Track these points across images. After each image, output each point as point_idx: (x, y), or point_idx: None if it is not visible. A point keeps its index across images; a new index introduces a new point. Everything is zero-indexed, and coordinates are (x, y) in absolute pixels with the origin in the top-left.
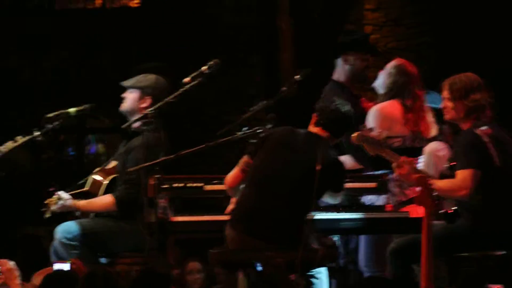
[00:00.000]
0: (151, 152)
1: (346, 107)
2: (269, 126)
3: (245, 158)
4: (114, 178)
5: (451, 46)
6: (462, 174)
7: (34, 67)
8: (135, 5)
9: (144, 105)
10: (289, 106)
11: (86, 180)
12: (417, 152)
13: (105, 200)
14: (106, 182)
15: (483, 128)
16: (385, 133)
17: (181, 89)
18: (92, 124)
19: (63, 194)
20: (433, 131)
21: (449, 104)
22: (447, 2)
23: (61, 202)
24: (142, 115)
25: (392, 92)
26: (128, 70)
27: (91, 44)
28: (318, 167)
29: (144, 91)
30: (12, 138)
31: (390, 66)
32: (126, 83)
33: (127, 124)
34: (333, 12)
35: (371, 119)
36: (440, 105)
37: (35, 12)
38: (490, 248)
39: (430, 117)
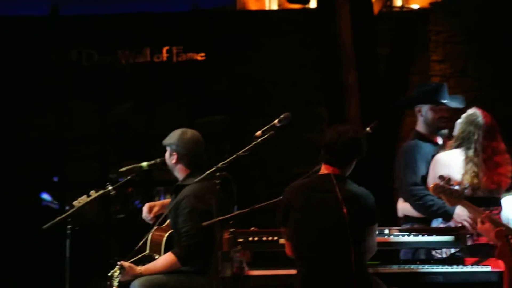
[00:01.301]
0: (199, 201)
1: (347, 134)
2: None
3: (282, 229)
4: (171, 234)
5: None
6: None
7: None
8: (201, 59)
9: (173, 161)
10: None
11: (145, 242)
12: (481, 202)
13: (166, 259)
14: (164, 239)
15: None
16: (464, 184)
17: (253, 142)
18: (159, 177)
19: (124, 263)
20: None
21: None
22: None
23: (123, 273)
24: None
25: (458, 141)
26: (191, 122)
27: (157, 96)
28: (344, 210)
29: (171, 147)
30: (85, 192)
31: (463, 115)
32: (164, 141)
33: (197, 179)
34: (398, 64)
35: (431, 166)
36: None
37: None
38: None
39: (505, 170)
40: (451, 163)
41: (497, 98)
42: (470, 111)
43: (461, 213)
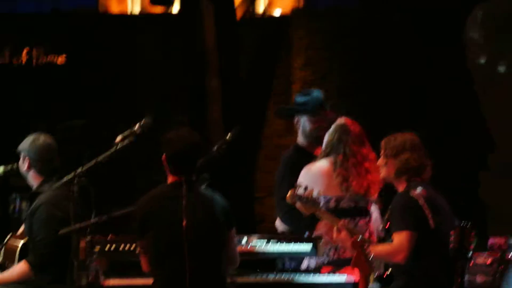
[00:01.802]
0: (56, 208)
1: (183, 140)
2: (203, 186)
3: (138, 242)
4: (25, 242)
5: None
6: (399, 237)
7: None
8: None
9: (25, 167)
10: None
11: (1, 247)
12: (357, 212)
13: (19, 269)
14: (18, 248)
15: (418, 190)
16: (316, 190)
17: (113, 149)
18: (16, 183)
19: None
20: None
21: (382, 161)
22: (373, 57)
23: None
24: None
25: (327, 150)
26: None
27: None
28: (183, 222)
29: (22, 153)
30: None
31: (332, 125)
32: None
33: (56, 184)
34: (261, 70)
35: (301, 179)
36: (378, 162)
37: None
38: None
39: (374, 177)
40: (317, 173)
41: (357, 105)
42: (339, 121)
43: (320, 230)
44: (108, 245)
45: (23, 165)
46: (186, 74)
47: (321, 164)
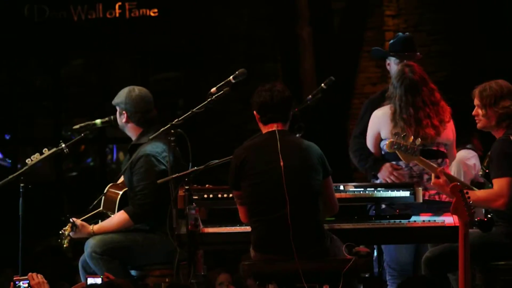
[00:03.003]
0: (155, 160)
1: (272, 90)
2: (298, 135)
3: (234, 193)
4: (125, 192)
5: (469, 53)
6: (499, 183)
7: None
8: (154, 15)
9: (124, 120)
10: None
11: (100, 200)
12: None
13: (119, 218)
14: (118, 197)
15: None
16: (419, 140)
17: (208, 99)
18: (113, 134)
19: (76, 221)
20: (446, 133)
21: (480, 111)
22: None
23: (75, 230)
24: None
25: (389, 96)
26: (145, 79)
27: (111, 52)
28: (281, 163)
29: (120, 106)
30: (38, 150)
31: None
32: (113, 101)
33: (152, 136)
34: (352, 19)
35: (370, 123)
36: (473, 113)
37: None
38: None
39: (432, 121)
40: (381, 120)
41: (450, 53)
42: (400, 65)
43: (383, 172)
44: (206, 194)
45: (121, 118)
46: (278, 24)
47: (384, 111)
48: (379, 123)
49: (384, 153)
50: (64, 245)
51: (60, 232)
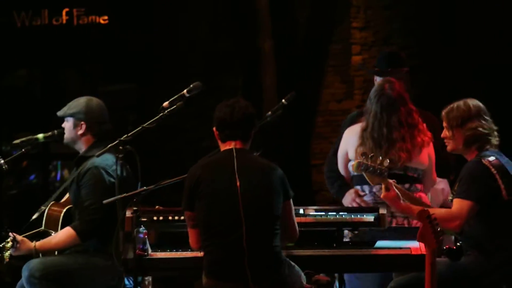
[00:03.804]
0: (106, 173)
1: (233, 106)
2: (256, 153)
3: (186, 214)
4: (69, 209)
5: (441, 67)
6: (459, 204)
7: None
8: (104, 22)
9: (80, 132)
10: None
11: (37, 218)
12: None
13: (64, 235)
14: (62, 215)
15: (491, 158)
16: (387, 161)
17: (160, 114)
18: (57, 150)
19: (18, 237)
20: (420, 158)
21: (448, 133)
22: (434, 21)
23: (16, 245)
24: (89, 143)
25: (365, 111)
26: (94, 91)
27: (56, 62)
28: (237, 183)
29: (76, 117)
30: None
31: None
32: (60, 112)
33: (100, 152)
34: (317, 31)
35: (342, 139)
36: (441, 135)
37: None
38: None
39: (414, 143)
40: (350, 139)
41: (422, 67)
42: (379, 82)
43: (346, 198)
44: (156, 216)
45: (75, 130)
46: (239, 36)
47: (355, 129)
48: (348, 143)
49: (352, 175)
50: (5, 260)
51: (0, 245)
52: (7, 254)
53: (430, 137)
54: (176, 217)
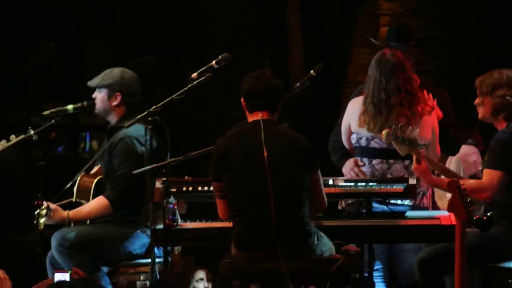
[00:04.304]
0: (138, 143)
1: (260, 77)
2: (285, 125)
3: (214, 184)
4: (100, 180)
5: (466, 39)
6: (490, 175)
7: (22, 60)
8: None
9: (115, 103)
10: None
11: (67, 189)
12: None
13: (97, 204)
14: (93, 185)
15: None
16: (416, 131)
17: (189, 85)
18: (85, 121)
19: (51, 205)
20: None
21: (478, 100)
22: None
23: (49, 214)
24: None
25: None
26: (121, 64)
27: (84, 34)
28: (264, 154)
29: (112, 88)
30: (5, 136)
31: None
32: (91, 82)
33: (129, 123)
34: (345, 3)
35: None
36: (474, 102)
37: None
38: None
39: (413, 111)
40: (353, 110)
41: (448, 38)
42: (378, 52)
43: (345, 167)
44: (185, 187)
45: (111, 101)
46: (265, 8)
47: (358, 100)
48: (351, 114)
49: (354, 146)
50: (40, 228)
51: (35, 212)
52: (42, 221)
53: (431, 107)
54: (206, 188)
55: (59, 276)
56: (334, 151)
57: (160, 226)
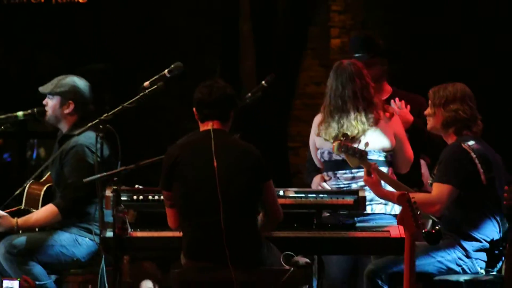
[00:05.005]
0: (90, 151)
1: (211, 86)
2: (236, 135)
3: (164, 193)
4: (49, 188)
5: (416, 52)
6: (439, 188)
7: None
8: (83, 1)
9: (67, 111)
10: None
11: (20, 195)
12: None
13: (46, 212)
14: (42, 193)
15: (471, 143)
16: (367, 143)
17: (141, 94)
18: (34, 128)
19: (0, 212)
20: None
21: (430, 111)
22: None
23: None
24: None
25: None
26: (74, 70)
27: (34, 41)
28: (214, 163)
29: (65, 96)
30: None
31: None
32: (43, 88)
33: (80, 130)
34: (296, 14)
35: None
36: (425, 112)
37: None
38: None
39: (368, 117)
40: (315, 124)
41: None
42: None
43: (313, 184)
44: (135, 196)
45: (63, 108)
46: (218, 17)
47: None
48: (314, 129)
49: (322, 161)
50: None
51: None
52: None
53: (391, 113)
54: (156, 197)
55: (7, 284)
56: (307, 172)
57: (110, 235)
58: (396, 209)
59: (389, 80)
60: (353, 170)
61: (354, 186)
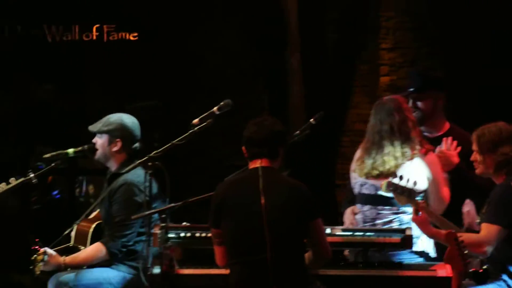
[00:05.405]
0: (138, 190)
1: (260, 124)
2: (284, 172)
3: (212, 231)
4: (98, 225)
5: (466, 87)
6: (488, 229)
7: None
8: (134, 39)
9: (115, 148)
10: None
11: (66, 235)
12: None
13: (94, 250)
14: (91, 230)
15: None
16: (415, 182)
17: (190, 131)
18: (83, 165)
19: (48, 251)
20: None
21: (478, 157)
22: (461, 43)
23: (46, 260)
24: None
25: None
26: (123, 108)
27: (84, 78)
28: (262, 201)
29: (113, 134)
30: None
31: None
32: (93, 127)
33: (128, 168)
34: (346, 50)
35: None
36: (471, 158)
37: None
38: None
39: (403, 152)
40: (355, 156)
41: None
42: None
43: (345, 215)
44: (183, 233)
45: (111, 147)
46: (266, 51)
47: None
48: (352, 164)
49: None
50: (36, 273)
51: (32, 258)
52: (38, 266)
53: (427, 149)
54: (203, 234)
55: None
56: (345, 202)
57: (157, 271)
58: (419, 245)
59: (447, 116)
60: (379, 207)
61: (379, 221)
